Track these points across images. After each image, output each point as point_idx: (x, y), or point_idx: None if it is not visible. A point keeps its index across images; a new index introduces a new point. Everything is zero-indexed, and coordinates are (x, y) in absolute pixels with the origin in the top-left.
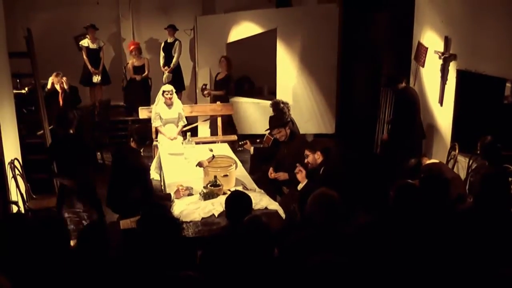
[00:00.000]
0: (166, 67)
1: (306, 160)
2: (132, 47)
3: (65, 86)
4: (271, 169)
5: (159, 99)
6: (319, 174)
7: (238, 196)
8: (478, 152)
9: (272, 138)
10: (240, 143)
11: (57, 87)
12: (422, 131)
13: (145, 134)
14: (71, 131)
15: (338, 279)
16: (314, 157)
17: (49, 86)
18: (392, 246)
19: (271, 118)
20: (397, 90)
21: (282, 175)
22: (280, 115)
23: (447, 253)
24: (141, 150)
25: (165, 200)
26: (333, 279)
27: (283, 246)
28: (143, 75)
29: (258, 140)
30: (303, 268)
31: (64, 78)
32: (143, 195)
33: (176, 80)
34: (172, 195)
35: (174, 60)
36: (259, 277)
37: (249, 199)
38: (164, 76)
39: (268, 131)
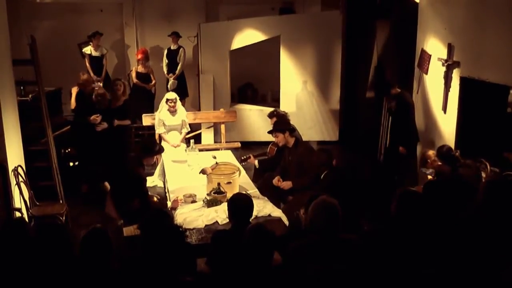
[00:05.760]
0: (171, 74)
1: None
2: (140, 55)
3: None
4: (277, 177)
5: (163, 106)
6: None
7: (239, 197)
8: (437, 158)
9: (276, 148)
10: (242, 158)
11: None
12: (417, 135)
13: (149, 144)
14: None
15: (338, 286)
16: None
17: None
18: (395, 254)
19: (275, 122)
20: (391, 96)
21: (286, 185)
22: (283, 120)
23: (450, 260)
24: (144, 162)
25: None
26: (333, 286)
27: (286, 253)
28: (151, 84)
29: (243, 158)
30: (304, 275)
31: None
32: (141, 205)
33: (180, 87)
34: (169, 203)
35: (179, 67)
36: (262, 284)
37: (249, 199)
38: (170, 83)
39: (271, 134)
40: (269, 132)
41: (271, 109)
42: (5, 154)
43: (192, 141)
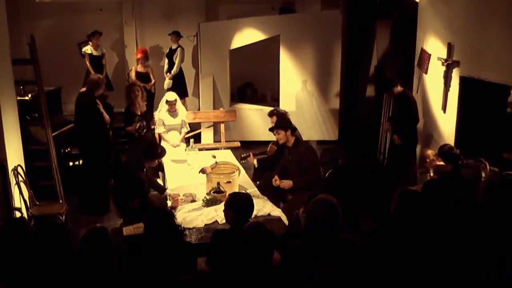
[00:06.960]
0: (168, 74)
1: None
2: (139, 55)
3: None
4: (276, 177)
5: (162, 106)
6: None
7: (237, 195)
8: (439, 158)
9: (276, 148)
10: (242, 155)
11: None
12: (416, 135)
13: (151, 147)
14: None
15: (337, 285)
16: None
17: None
18: (395, 253)
19: (277, 119)
20: (393, 95)
21: (286, 184)
22: (284, 119)
23: (450, 260)
24: (146, 165)
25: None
26: (332, 285)
27: (286, 252)
28: (151, 83)
29: (243, 155)
30: (302, 274)
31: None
32: (141, 206)
33: (179, 86)
34: (169, 203)
35: (175, 66)
36: (262, 283)
37: (249, 198)
38: (165, 82)
39: (272, 131)
40: (271, 129)
41: (271, 108)
42: (5, 154)
43: (191, 140)
